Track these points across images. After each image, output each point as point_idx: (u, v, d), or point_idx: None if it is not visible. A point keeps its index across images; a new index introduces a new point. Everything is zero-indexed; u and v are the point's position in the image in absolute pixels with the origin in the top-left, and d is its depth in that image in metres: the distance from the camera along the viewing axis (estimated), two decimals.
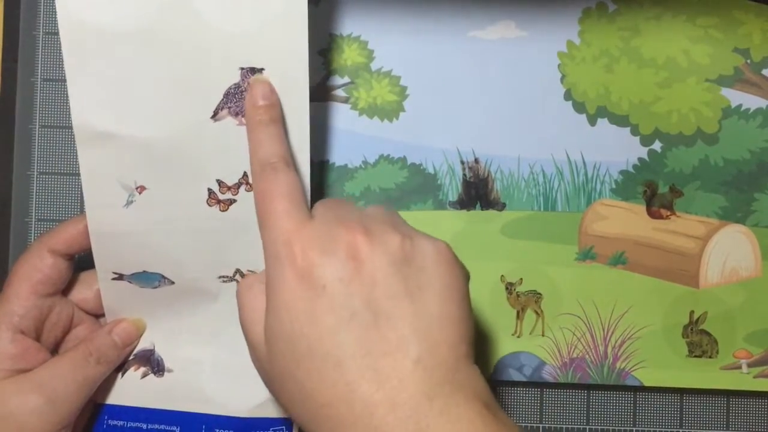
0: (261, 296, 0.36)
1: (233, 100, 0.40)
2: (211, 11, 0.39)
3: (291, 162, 0.38)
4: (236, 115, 0.40)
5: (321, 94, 0.47)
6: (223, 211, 0.42)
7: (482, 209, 0.48)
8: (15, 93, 0.48)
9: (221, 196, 0.42)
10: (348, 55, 0.47)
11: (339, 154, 0.48)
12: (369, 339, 0.33)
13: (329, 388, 0.33)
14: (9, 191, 0.49)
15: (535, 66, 0.47)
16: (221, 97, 0.40)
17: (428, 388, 0.32)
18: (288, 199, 0.36)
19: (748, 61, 0.47)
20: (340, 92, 0.48)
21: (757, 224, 0.48)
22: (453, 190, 0.48)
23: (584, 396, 0.49)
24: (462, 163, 0.48)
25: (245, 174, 0.42)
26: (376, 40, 0.47)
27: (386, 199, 0.47)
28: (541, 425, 0.49)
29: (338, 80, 0.47)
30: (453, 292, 0.35)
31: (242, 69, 0.40)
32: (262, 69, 0.40)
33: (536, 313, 0.48)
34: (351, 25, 0.47)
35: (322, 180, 0.47)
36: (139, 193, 0.42)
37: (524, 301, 0.48)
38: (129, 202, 0.42)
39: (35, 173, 0.49)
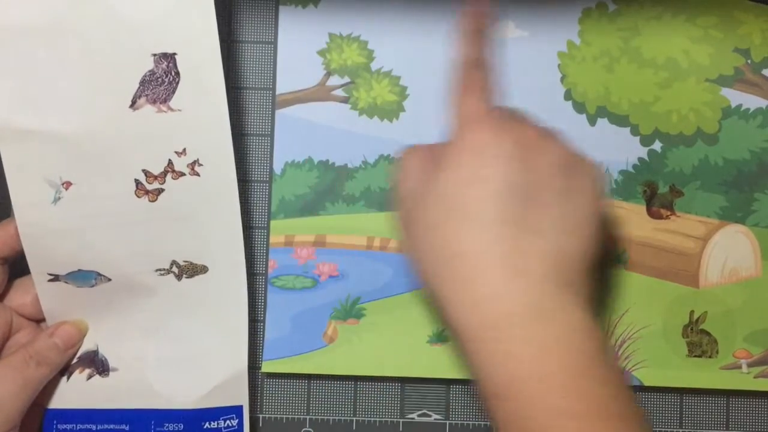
0: (420, 159, 0.40)
1: (149, 87, 0.40)
2: (120, 0, 0.39)
3: (490, 68, 0.43)
4: (154, 102, 0.40)
5: (320, 94, 0.47)
6: (152, 201, 0.42)
7: None
8: None
9: (149, 187, 0.42)
10: (348, 55, 0.47)
11: (339, 154, 0.47)
12: (514, 214, 0.36)
13: (464, 241, 0.36)
14: None
15: (535, 66, 0.47)
16: (137, 85, 0.40)
17: (555, 276, 0.36)
18: (483, 91, 0.41)
19: (748, 61, 0.47)
20: (339, 92, 0.47)
21: (757, 224, 0.48)
22: None
23: None
24: None
25: (170, 162, 0.41)
26: (376, 40, 0.47)
27: (386, 200, 0.47)
28: None
29: (338, 80, 0.47)
30: (596, 217, 0.38)
31: (155, 55, 0.40)
32: (174, 54, 0.40)
33: None
34: (351, 25, 0.47)
35: (321, 180, 0.47)
36: (66, 189, 0.41)
37: None
38: (56, 199, 0.41)
39: None
